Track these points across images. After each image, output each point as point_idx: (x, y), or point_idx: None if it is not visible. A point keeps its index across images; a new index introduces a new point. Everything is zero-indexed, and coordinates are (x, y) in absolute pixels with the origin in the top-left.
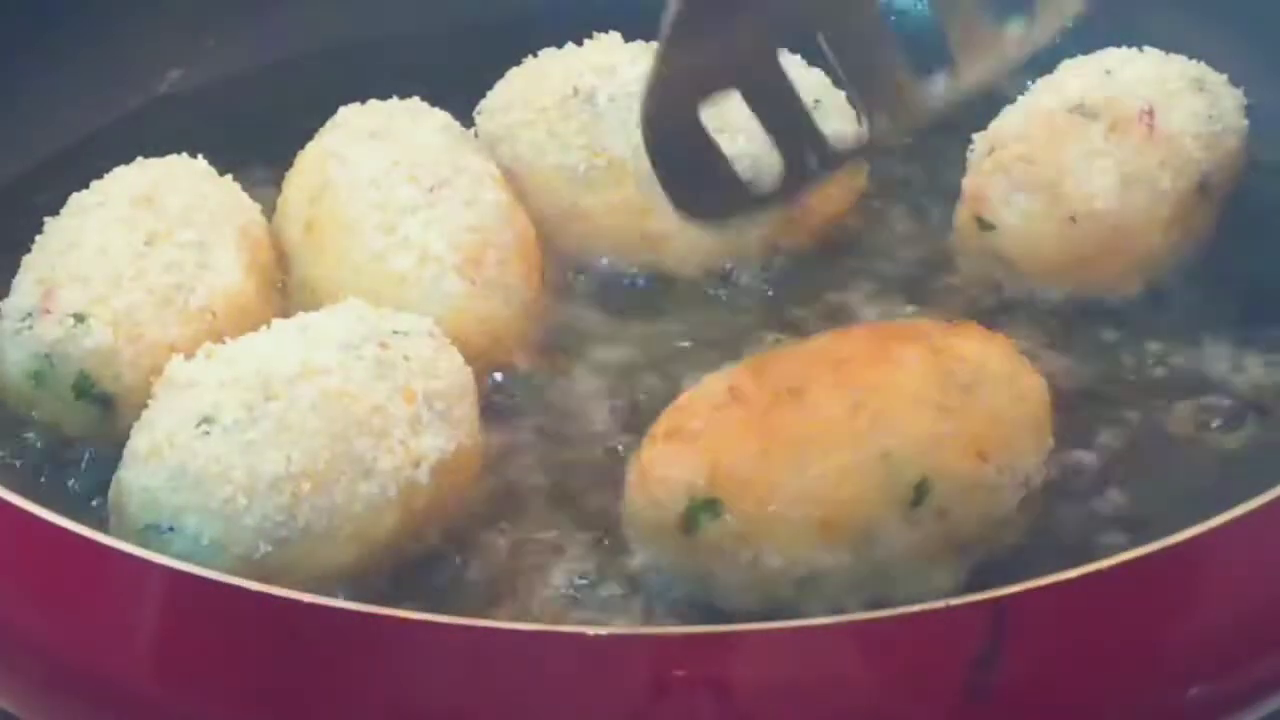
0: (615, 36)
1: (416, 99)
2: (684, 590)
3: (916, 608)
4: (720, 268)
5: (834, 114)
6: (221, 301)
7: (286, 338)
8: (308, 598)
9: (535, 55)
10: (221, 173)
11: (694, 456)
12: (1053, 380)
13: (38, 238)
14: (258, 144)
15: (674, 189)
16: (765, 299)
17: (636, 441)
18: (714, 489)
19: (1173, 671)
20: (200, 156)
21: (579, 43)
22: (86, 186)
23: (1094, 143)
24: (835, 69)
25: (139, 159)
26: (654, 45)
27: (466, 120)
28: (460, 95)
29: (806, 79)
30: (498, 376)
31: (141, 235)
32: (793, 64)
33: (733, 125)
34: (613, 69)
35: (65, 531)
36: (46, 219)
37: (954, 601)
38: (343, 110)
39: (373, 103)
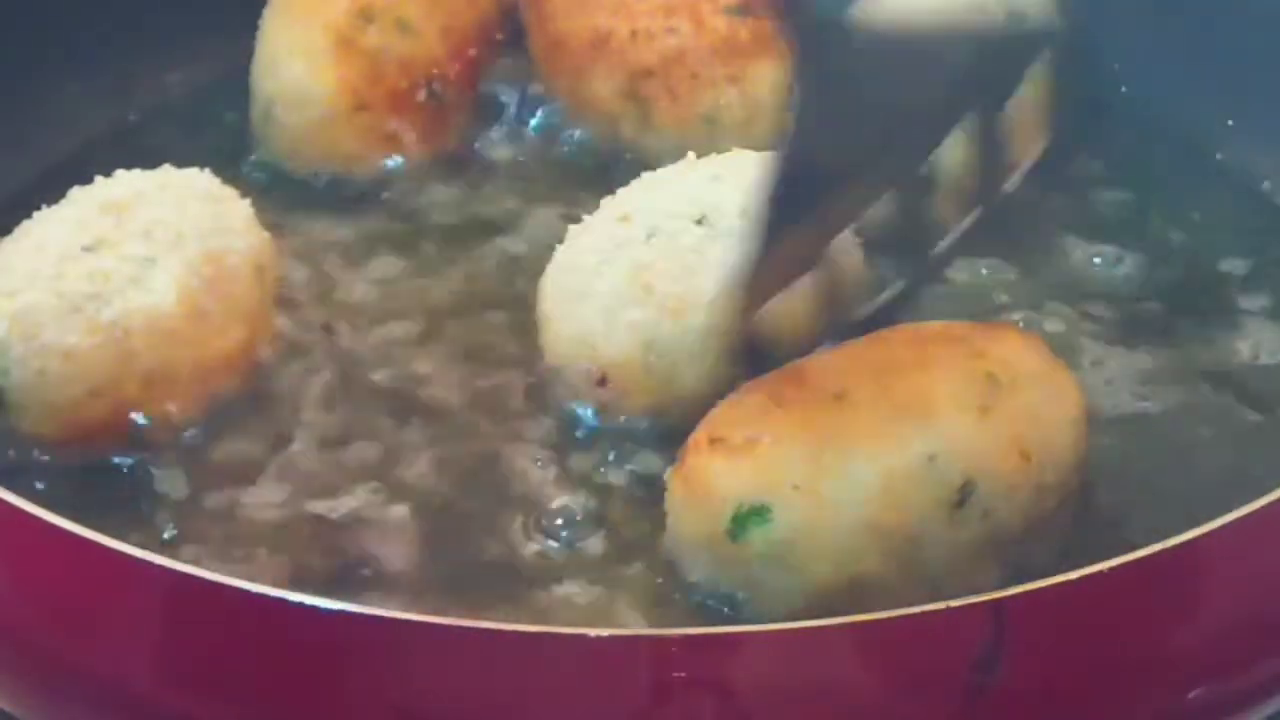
0: None
1: None
2: (724, 597)
3: (917, 609)
4: None
5: None
6: (139, 320)
7: None
8: (309, 599)
9: None
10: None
11: (742, 464)
12: None
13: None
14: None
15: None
16: None
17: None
18: (763, 495)
19: (1174, 673)
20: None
21: None
22: None
23: None
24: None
25: (137, 170)
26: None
27: None
28: None
29: None
30: None
31: (87, 240)
32: None
33: None
34: None
35: (65, 533)
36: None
37: (954, 602)
38: None
39: None
